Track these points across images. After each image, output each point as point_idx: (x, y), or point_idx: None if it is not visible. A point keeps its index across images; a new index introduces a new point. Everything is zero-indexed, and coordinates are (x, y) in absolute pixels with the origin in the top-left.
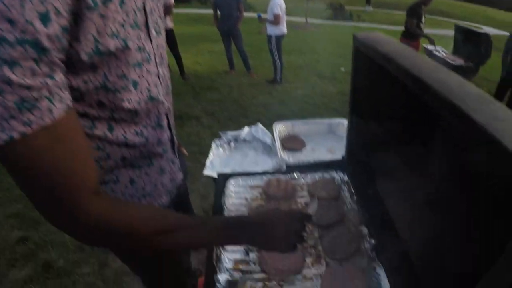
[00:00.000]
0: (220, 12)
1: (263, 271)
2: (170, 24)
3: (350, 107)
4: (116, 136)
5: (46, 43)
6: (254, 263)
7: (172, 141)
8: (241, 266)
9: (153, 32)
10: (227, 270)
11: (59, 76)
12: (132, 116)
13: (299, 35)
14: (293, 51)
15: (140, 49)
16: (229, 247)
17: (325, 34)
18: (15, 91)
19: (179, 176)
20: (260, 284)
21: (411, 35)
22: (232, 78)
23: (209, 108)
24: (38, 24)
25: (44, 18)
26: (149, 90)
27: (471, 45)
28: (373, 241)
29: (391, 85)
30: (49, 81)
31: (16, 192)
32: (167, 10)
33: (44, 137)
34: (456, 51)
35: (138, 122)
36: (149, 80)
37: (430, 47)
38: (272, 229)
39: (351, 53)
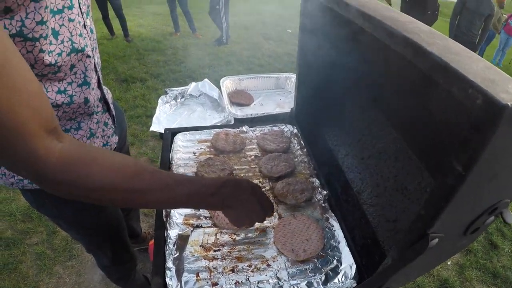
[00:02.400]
0: None
1: (214, 224)
2: None
3: (298, 57)
4: None
5: None
6: (205, 217)
7: (104, 100)
8: (191, 221)
9: None
10: (177, 225)
11: None
12: (53, 71)
13: None
14: (239, 12)
15: None
16: None
17: None
18: None
19: (113, 140)
20: (212, 238)
21: None
22: (177, 40)
23: (154, 70)
24: None
25: None
26: (71, 41)
27: (417, 7)
28: (325, 192)
29: (341, 28)
30: None
31: None
32: None
33: None
34: (402, 13)
35: (61, 79)
36: (72, 29)
37: None
38: (242, 207)
39: (298, 15)
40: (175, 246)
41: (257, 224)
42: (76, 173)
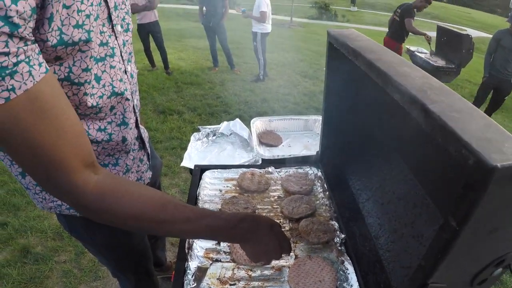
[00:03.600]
0: (205, 8)
1: (232, 260)
2: (154, 17)
3: (324, 104)
4: None
5: (16, 19)
6: (225, 252)
7: (141, 139)
8: (211, 255)
9: (118, 28)
10: (198, 257)
11: (33, 46)
12: (95, 111)
13: (283, 34)
14: (277, 49)
15: (103, 43)
16: None
17: (309, 33)
18: None
19: (147, 175)
20: (229, 272)
21: (397, 37)
22: (215, 75)
23: (191, 103)
24: (7, 1)
25: None
26: (112, 85)
27: (453, 46)
28: (343, 236)
29: (360, 81)
30: (25, 47)
31: None
32: (152, 3)
33: (27, 101)
34: (438, 52)
35: (102, 118)
36: (113, 75)
37: (412, 48)
38: (261, 242)
39: None
40: (194, 277)
41: (274, 262)
42: (109, 202)
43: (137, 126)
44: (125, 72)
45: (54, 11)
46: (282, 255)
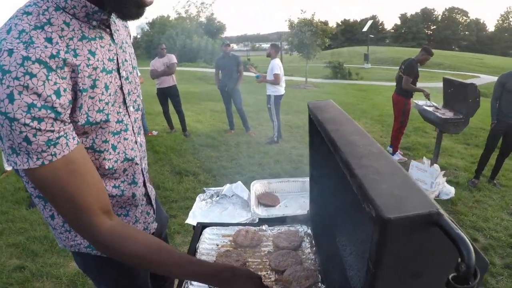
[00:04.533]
0: (221, 72)
1: None
2: (172, 81)
3: (310, 169)
4: None
5: (59, 109)
6: None
7: (148, 196)
8: None
9: (131, 108)
10: None
11: (69, 125)
12: (111, 172)
13: (298, 95)
14: (291, 110)
15: (119, 121)
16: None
17: (323, 93)
18: (43, 135)
19: (153, 226)
20: None
21: (404, 92)
22: (231, 137)
23: (207, 165)
24: (54, 96)
25: (57, 93)
26: (125, 153)
27: (459, 96)
28: (323, 286)
29: (325, 148)
30: (64, 127)
31: (20, 225)
32: (171, 69)
33: (64, 163)
34: (445, 104)
35: (116, 178)
36: (126, 145)
37: (420, 102)
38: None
39: (346, 111)
40: None
41: None
42: (117, 242)
43: (144, 185)
44: (136, 142)
45: (82, 102)
46: None
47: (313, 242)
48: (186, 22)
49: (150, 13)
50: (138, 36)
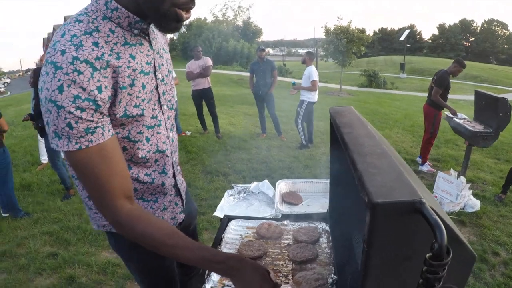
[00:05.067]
0: (255, 77)
1: None
2: (207, 84)
3: (330, 171)
4: (131, 173)
5: (99, 102)
6: None
7: (176, 187)
8: (224, 281)
9: (165, 107)
10: (213, 281)
11: (107, 118)
12: (144, 161)
13: (331, 102)
14: (324, 117)
15: (153, 117)
16: None
17: (357, 101)
18: (84, 123)
19: (180, 217)
20: None
21: (435, 104)
22: (262, 141)
23: (237, 166)
24: (96, 92)
25: (99, 89)
26: (157, 145)
27: (490, 110)
28: (335, 277)
29: (342, 151)
30: (102, 119)
31: (54, 215)
32: (206, 71)
33: (98, 150)
34: (476, 117)
35: (148, 166)
36: (158, 138)
37: (451, 114)
38: (243, 280)
39: (379, 120)
40: None
41: None
42: (133, 223)
43: (174, 177)
44: (167, 137)
45: (122, 97)
46: None
47: (330, 238)
48: (223, 25)
49: None
50: (175, 38)
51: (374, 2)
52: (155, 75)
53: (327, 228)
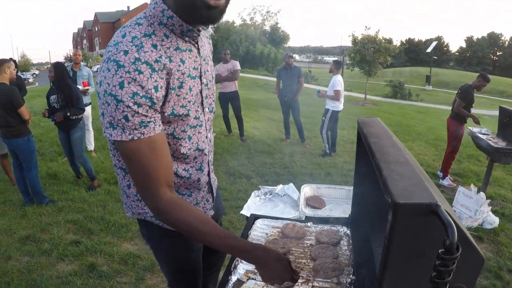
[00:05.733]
0: (282, 83)
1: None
2: (234, 87)
3: (354, 179)
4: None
5: (155, 100)
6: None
7: (209, 184)
8: (250, 274)
9: (206, 109)
10: (239, 274)
11: (158, 115)
12: (184, 157)
13: (355, 111)
14: (347, 126)
15: (196, 118)
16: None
17: (381, 111)
18: (139, 117)
19: (210, 212)
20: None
21: (458, 117)
22: (286, 146)
23: (260, 170)
24: (153, 90)
25: (156, 88)
26: (197, 144)
27: None
28: (353, 277)
29: (367, 159)
30: (155, 115)
31: (79, 204)
32: (234, 75)
33: (148, 142)
34: (500, 133)
35: (187, 162)
36: (199, 138)
37: (475, 129)
38: (267, 268)
39: (402, 132)
40: (232, 286)
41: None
42: (172, 210)
43: (208, 175)
44: (206, 137)
45: (171, 97)
46: (286, 282)
47: (350, 241)
48: (251, 29)
49: None
50: (211, 32)
51: (403, 12)
52: (201, 80)
53: (348, 232)
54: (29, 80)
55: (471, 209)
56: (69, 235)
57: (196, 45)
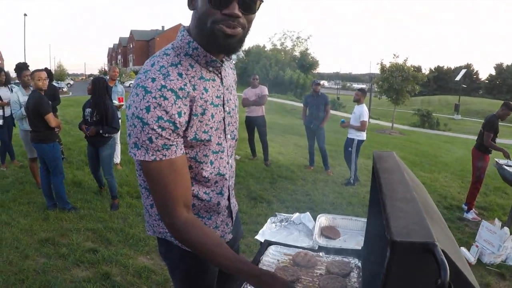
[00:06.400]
0: (308, 110)
1: None
2: (261, 112)
3: (368, 212)
4: (193, 189)
5: (178, 124)
6: None
7: (229, 209)
8: None
9: (228, 136)
10: None
11: (181, 139)
12: (205, 181)
13: (382, 140)
14: (372, 155)
15: (218, 144)
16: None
17: (408, 141)
18: (162, 139)
19: (229, 236)
20: None
21: (482, 147)
22: (309, 173)
23: (282, 196)
24: (176, 116)
25: (179, 114)
26: (219, 169)
27: None
28: None
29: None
30: (177, 139)
31: (100, 214)
32: (262, 100)
33: (169, 164)
34: None
35: (208, 186)
36: (220, 163)
37: (501, 161)
38: None
39: (428, 162)
40: None
41: None
42: (188, 229)
43: (228, 199)
44: (228, 163)
45: (194, 123)
46: None
47: (361, 274)
48: (281, 54)
49: (246, 42)
50: (233, 62)
51: (433, 40)
52: (224, 108)
53: (359, 264)
54: (63, 89)
55: (494, 244)
56: (87, 243)
57: (219, 75)
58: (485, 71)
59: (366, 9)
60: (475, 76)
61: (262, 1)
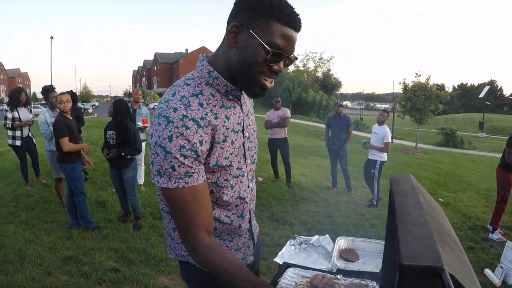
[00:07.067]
0: (331, 131)
1: None
2: (284, 134)
3: (386, 234)
4: (214, 213)
5: (200, 153)
6: None
7: (250, 231)
8: None
9: (248, 161)
10: None
11: (202, 166)
12: (226, 204)
13: (405, 160)
14: None
15: (239, 168)
16: None
17: (432, 161)
18: (185, 167)
19: (250, 258)
20: None
21: (506, 165)
22: (332, 195)
23: (304, 218)
24: (198, 144)
25: (201, 142)
26: (239, 192)
27: None
28: None
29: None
30: (199, 166)
31: (123, 234)
32: (284, 122)
33: (191, 191)
34: None
35: (229, 209)
36: (241, 187)
37: None
38: None
39: (452, 182)
40: None
41: None
42: (209, 253)
43: (250, 222)
44: (248, 186)
45: (215, 150)
46: None
47: None
48: (304, 75)
49: None
50: None
51: (456, 56)
52: (243, 134)
53: (377, 287)
54: (88, 110)
55: None
56: (109, 262)
57: (239, 102)
58: (509, 87)
59: (391, 28)
60: (499, 93)
61: (297, 58)
